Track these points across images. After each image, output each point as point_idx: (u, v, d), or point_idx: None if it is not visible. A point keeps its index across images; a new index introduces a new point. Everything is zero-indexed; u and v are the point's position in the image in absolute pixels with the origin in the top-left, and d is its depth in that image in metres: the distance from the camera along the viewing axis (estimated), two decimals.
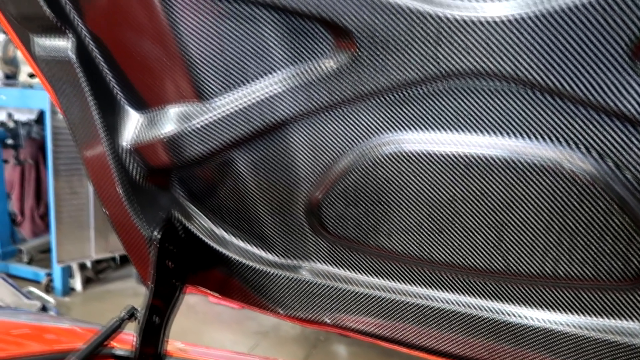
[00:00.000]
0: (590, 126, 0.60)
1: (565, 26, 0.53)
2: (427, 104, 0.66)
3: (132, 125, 0.76)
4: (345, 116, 0.70)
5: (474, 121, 0.65)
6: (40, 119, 3.68)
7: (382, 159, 0.71)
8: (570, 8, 0.52)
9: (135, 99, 0.75)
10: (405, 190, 0.72)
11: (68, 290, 3.50)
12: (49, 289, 3.45)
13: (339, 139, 0.72)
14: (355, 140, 0.71)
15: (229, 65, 0.68)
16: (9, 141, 3.43)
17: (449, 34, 0.58)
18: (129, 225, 0.79)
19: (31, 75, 3.12)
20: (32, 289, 3.34)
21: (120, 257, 3.86)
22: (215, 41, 0.67)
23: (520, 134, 0.63)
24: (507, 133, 0.64)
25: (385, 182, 0.73)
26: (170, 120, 0.74)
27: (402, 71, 0.62)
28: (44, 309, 3.04)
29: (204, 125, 0.72)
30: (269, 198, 0.80)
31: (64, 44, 0.71)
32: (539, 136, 0.63)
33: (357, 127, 0.70)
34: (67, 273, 3.47)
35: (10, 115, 3.60)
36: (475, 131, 0.66)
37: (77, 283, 3.53)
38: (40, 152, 4.04)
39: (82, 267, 3.57)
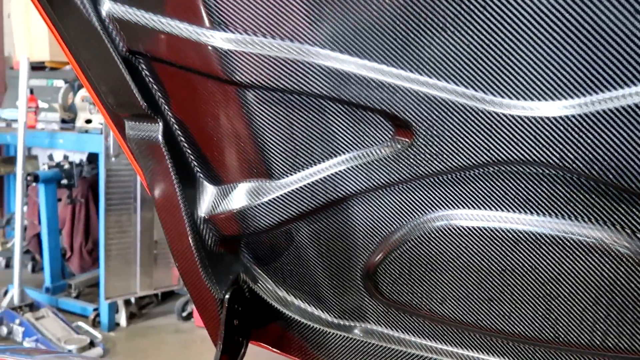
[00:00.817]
0: (635, 211, 0.65)
1: (609, 125, 0.59)
2: (477, 185, 0.72)
3: (208, 198, 0.85)
4: (402, 193, 0.77)
5: (522, 202, 0.71)
6: (92, 158, 3.89)
7: (434, 232, 0.77)
8: (612, 110, 0.58)
9: (212, 174, 0.85)
10: (457, 261, 0.78)
11: (113, 325, 3.61)
12: (95, 323, 3.57)
13: (395, 213, 0.78)
14: (409, 215, 0.78)
15: (297, 148, 0.77)
16: (64, 181, 3.63)
17: (501, 128, 0.65)
18: (202, 287, 0.87)
19: (87, 121, 3.33)
20: (81, 323, 3.46)
21: (162, 293, 3.96)
22: (286, 128, 0.76)
23: (568, 216, 0.69)
24: (554, 214, 0.70)
25: (438, 253, 0.79)
26: (242, 195, 0.82)
27: (455, 158, 0.69)
28: (91, 344, 3.16)
29: (272, 200, 0.80)
30: (329, 263, 0.87)
31: (152, 128, 0.81)
32: (586, 218, 0.68)
33: (412, 204, 0.77)
34: (113, 308, 3.59)
35: (66, 157, 3.81)
36: (524, 210, 0.71)
37: (122, 318, 3.64)
38: (90, 190, 4.24)
39: (127, 302, 3.69)
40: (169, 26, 0.70)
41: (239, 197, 0.83)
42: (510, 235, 0.73)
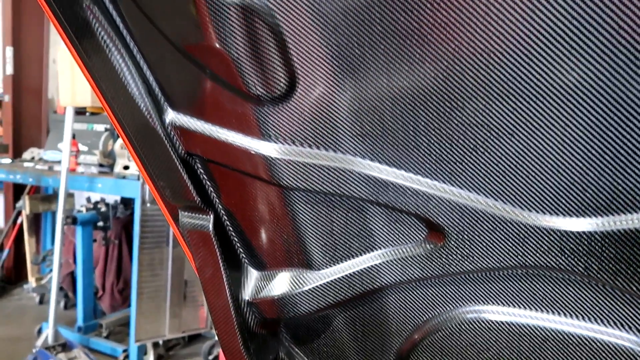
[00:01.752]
0: None
1: (632, 243, 0.64)
2: (507, 284, 0.77)
3: (252, 282, 0.92)
4: (435, 286, 0.82)
5: (550, 302, 0.75)
6: (125, 200, 4.04)
7: (466, 323, 0.82)
8: (633, 231, 0.63)
9: (256, 261, 0.91)
10: (487, 352, 0.82)
11: None
12: None
13: (427, 304, 0.83)
14: (441, 306, 0.83)
15: (336, 243, 0.83)
16: (100, 223, 3.77)
17: (529, 238, 0.70)
18: None
19: (125, 167, 3.48)
20: None
21: (189, 336, 4.02)
22: (326, 224, 0.82)
23: (594, 319, 0.73)
24: (581, 317, 0.74)
25: (469, 343, 0.83)
26: (284, 283, 0.89)
27: (485, 261, 0.74)
28: None
29: (312, 290, 0.86)
30: (363, 347, 0.92)
31: (204, 219, 0.88)
32: (612, 323, 0.72)
33: (444, 297, 0.82)
34: (142, 350, 3.66)
35: (102, 199, 3.96)
36: (552, 311, 0.76)
37: None
38: (124, 231, 4.38)
39: (155, 344, 3.75)
40: (224, 135, 0.78)
41: (281, 284, 0.89)
42: (539, 333, 0.77)
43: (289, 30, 0.67)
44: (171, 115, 0.81)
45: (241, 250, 0.91)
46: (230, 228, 0.90)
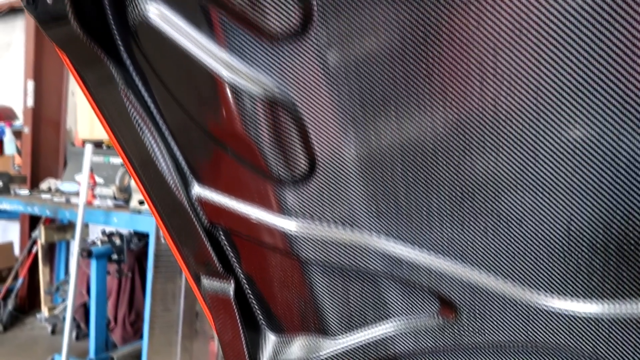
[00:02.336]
0: None
1: (636, 328, 0.67)
2: (518, 357, 0.79)
3: (270, 346, 0.95)
4: (447, 358, 0.85)
5: None
6: (140, 233, 4.09)
7: None
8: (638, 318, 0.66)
9: (274, 326, 0.95)
10: None
11: None
12: None
13: None
14: None
15: (352, 312, 0.87)
16: (114, 256, 3.82)
17: (538, 318, 0.73)
18: None
19: (141, 202, 3.54)
20: None
21: None
22: (342, 294, 0.86)
23: None
24: None
25: None
26: (300, 347, 0.92)
27: (496, 336, 0.77)
28: None
29: (327, 356, 0.89)
30: None
31: (225, 286, 0.92)
32: None
33: None
34: None
35: (117, 232, 4.02)
36: None
37: None
38: (137, 262, 4.42)
39: None
40: (246, 209, 0.83)
41: (297, 348, 0.92)
42: None
43: (309, 120, 0.72)
44: (197, 189, 0.86)
45: (260, 314, 0.95)
46: (250, 294, 0.94)
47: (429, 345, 0.83)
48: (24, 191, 4.88)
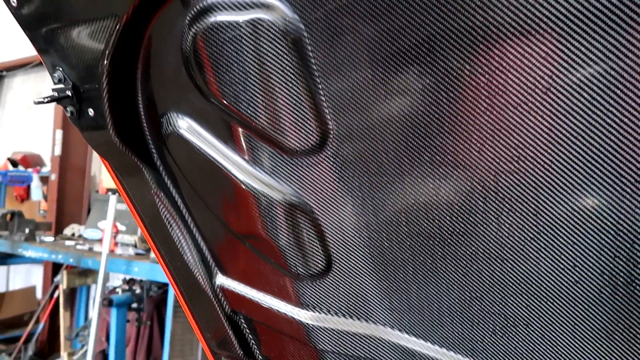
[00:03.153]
0: None
1: None
2: None
3: None
4: None
5: None
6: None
7: None
8: None
9: None
10: None
11: None
12: None
13: None
14: None
15: None
16: (134, 305, 3.87)
17: None
18: None
19: None
20: None
21: None
22: None
23: None
24: None
25: None
26: None
27: None
28: None
29: None
30: None
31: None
32: None
33: None
34: None
35: (138, 282, 4.09)
36: None
37: None
38: (155, 310, 4.46)
39: None
40: (266, 300, 0.88)
41: None
42: None
43: (326, 222, 0.77)
44: (220, 279, 0.91)
45: None
46: None
47: None
48: (49, 238, 5.00)
